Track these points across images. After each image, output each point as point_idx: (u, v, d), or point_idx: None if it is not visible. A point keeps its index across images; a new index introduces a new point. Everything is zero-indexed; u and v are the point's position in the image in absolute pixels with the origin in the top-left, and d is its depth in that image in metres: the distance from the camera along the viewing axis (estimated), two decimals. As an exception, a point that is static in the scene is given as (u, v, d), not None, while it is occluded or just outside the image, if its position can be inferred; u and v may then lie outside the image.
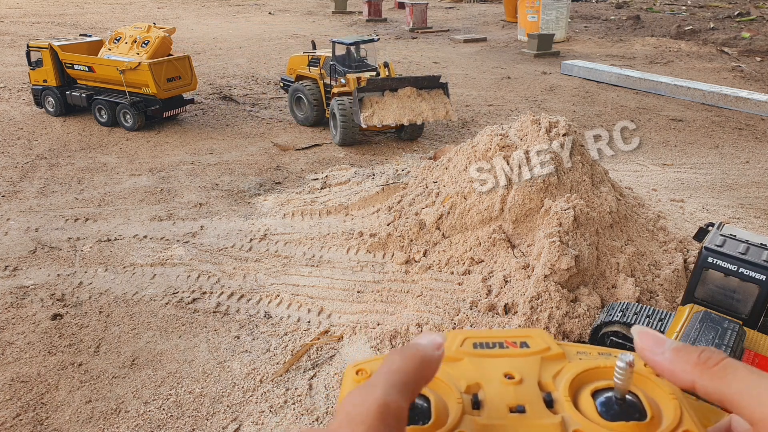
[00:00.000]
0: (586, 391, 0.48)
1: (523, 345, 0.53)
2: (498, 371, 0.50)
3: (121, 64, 10.01)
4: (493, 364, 0.51)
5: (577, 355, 0.53)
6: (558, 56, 17.22)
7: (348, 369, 0.52)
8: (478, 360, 0.52)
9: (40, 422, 4.05)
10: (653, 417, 0.45)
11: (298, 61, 10.63)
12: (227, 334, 4.95)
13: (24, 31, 20.43)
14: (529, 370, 0.50)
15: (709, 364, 0.41)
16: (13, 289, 5.58)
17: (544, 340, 0.53)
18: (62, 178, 8.40)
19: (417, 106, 8.84)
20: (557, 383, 0.49)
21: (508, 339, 0.54)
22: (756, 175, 8.50)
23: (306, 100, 10.17)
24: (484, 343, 0.53)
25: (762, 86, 13.62)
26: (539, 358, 0.52)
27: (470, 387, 0.49)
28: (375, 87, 8.70)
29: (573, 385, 0.49)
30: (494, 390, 0.48)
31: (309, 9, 28.70)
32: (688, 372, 0.42)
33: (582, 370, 0.50)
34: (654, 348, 0.45)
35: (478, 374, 0.50)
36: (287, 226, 6.77)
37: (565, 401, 0.47)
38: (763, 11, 23.24)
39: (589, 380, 0.50)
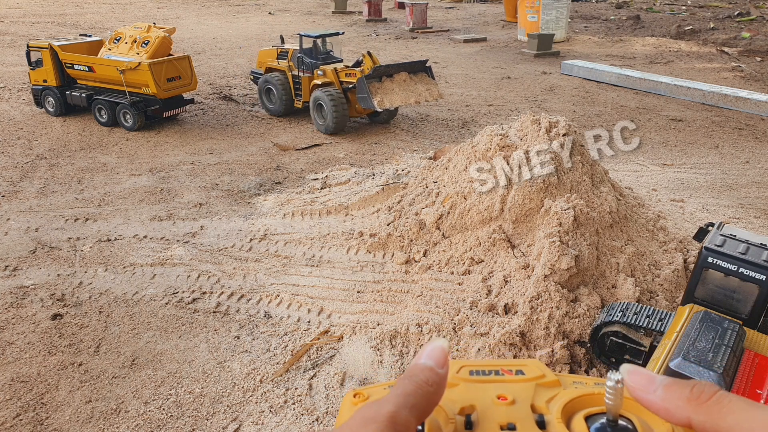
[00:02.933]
0: (579, 416, 0.48)
1: (519, 372, 0.54)
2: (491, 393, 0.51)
3: (121, 64, 10.01)
4: (488, 388, 0.52)
5: (573, 384, 0.53)
6: (558, 56, 17.22)
7: (347, 394, 0.53)
8: (473, 385, 0.53)
9: (40, 422, 4.05)
10: None
11: (267, 55, 11.14)
12: (227, 334, 4.95)
13: (24, 31, 20.43)
14: (523, 394, 0.51)
15: (703, 399, 0.41)
16: (13, 289, 5.58)
17: (540, 369, 0.54)
18: (62, 178, 8.40)
19: (414, 88, 9.70)
20: (551, 407, 0.49)
21: (504, 367, 0.55)
22: (756, 175, 8.50)
23: (275, 91, 10.76)
24: (480, 371, 0.54)
25: (762, 86, 13.62)
26: (534, 384, 0.52)
27: (464, 409, 0.50)
28: (377, 74, 9.40)
29: (566, 409, 0.49)
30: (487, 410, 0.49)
31: (309, 9, 28.70)
32: (682, 408, 0.42)
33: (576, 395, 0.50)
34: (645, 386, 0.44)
35: (472, 397, 0.51)
36: (287, 226, 6.77)
37: (557, 423, 0.47)
38: (763, 11, 23.24)
39: (582, 406, 0.50)
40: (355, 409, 0.47)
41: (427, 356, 0.48)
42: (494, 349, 4.28)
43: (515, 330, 4.32)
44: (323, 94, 9.71)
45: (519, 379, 0.53)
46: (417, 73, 9.85)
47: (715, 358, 2.98)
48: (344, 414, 0.50)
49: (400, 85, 9.60)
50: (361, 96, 9.35)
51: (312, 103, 10.05)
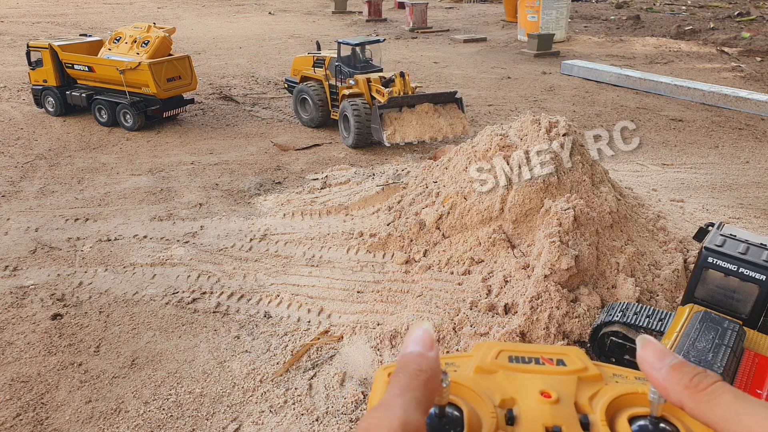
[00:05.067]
0: (623, 417, 0.48)
1: (560, 363, 0.52)
2: (534, 388, 0.49)
3: (121, 64, 10.01)
4: (529, 380, 0.50)
5: (613, 377, 0.52)
6: (558, 56, 17.22)
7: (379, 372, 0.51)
8: (513, 374, 0.50)
9: (40, 422, 4.05)
10: None
11: (303, 62, 10.55)
12: (227, 334, 4.95)
13: (24, 31, 20.43)
14: (566, 390, 0.49)
15: (699, 388, 0.42)
16: (13, 289, 5.58)
17: (581, 360, 0.52)
18: (62, 178, 8.40)
19: (435, 122, 8.89)
20: (594, 405, 0.48)
21: (545, 355, 0.53)
22: (756, 175, 8.50)
23: (311, 101, 10.11)
24: (519, 357, 0.52)
25: (762, 86, 13.62)
26: (576, 378, 0.50)
27: (505, 401, 0.48)
28: (394, 104, 8.75)
29: (610, 408, 0.48)
30: (530, 407, 0.47)
31: (309, 9, 28.70)
32: (678, 392, 0.43)
33: (619, 394, 0.49)
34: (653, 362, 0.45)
35: (512, 389, 0.49)
36: (287, 226, 6.77)
37: (601, 425, 0.46)
38: (763, 11, 23.23)
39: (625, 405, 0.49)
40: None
41: (414, 342, 0.47)
42: (494, 349, 4.27)
43: (515, 330, 4.32)
44: (349, 105, 9.12)
45: (561, 371, 0.51)
46: (446, 104, 9.08)
47: (715, 358, 2.97)
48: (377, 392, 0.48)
49: (421, 117, 8.83)
50: (373, 126, 8.85)
51: (340, 114, 9.47)
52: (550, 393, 0.48)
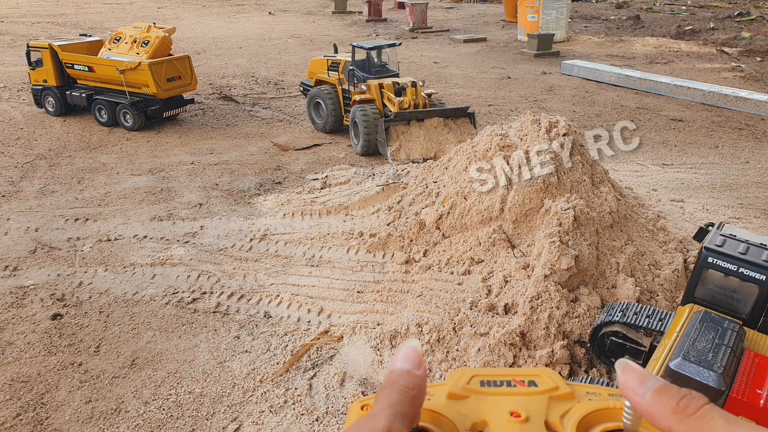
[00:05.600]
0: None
1: (531, 384, 0.52)
2: (504, 409, 0.49)
3: (121, 64, 10.01)
4: (500, 402, 0.50)
5: (586, 395, 0.52)
6: (558, 56, 17.22)
7: (353, 405, 0.52)
8: (484, 398, 0.51)
9: (40, 422, 4.05)
10: None
11: (318, 65, 10.29)
12: (227, 334, 4.95)
13: (24, 31, 20.43)
14: (537, 409, 0.49)
15: (688, 413, 0.41)
16: (13, 289, 5.58)
17: (553, 380, 0.52)
18: (62, 178, 8.40)
19: (444, 138, 8.53)
20: (565, 423, 0.48)
21: (516, 377, 0.53)
22: (756, 175, 8.50)
23: (324, 105, 9.84)
24: (491, 381, 0.53)
25: (762, 86, 13.62)
26: (547, 398, 0.51)
27: (476, 425, 0.48)
28: (402, 118, 8.46)
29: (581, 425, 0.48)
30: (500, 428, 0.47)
31: (309, 9, 28.69)
32: (666, 418, 0.41)
33: (591, 410, 0.49)
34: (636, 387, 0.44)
35: (483, 412, 0.49)
36: (287, 226, 6.77)
37: None
38: (763, 11, 23.23)
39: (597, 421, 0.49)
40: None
41: (403, 360, 0.48)
42: (494, 349, 4.28)
43: (515, 330, 4.32)
44: (358, 111, 8.81)
45: (532, 391, 0.51)
46: (457, 119, 8.69)
47: (715, 358, 2.98)
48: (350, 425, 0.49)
49: (429, 132, 8.44)
50: (378, 139, 8.54)
51: (351, 120, 9.18)
52: (520, 413, 0.48)
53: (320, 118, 10.14)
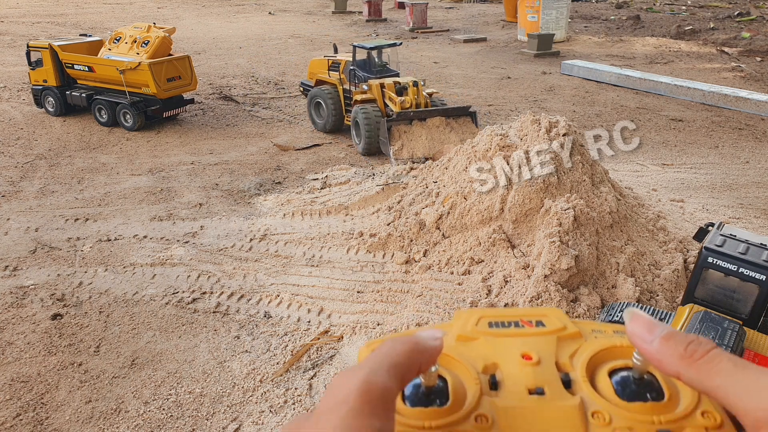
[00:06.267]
0: (603, 371, 0.48)
1: (539, 324, 0.52)
2: (515, 351, 0.49)
3: (121, 64, 10.01)
4: (510, 343, 0.50)
5: (592, 333, 0.52)
6: (558, 56, 17.22)
7: (362, 348, 0.50)
8: (493, 339, 0.50)
9: (40, 422, 4.05)
10: (671, 397, 0.45)
11: (319, 65, 10.29)
12: (227, 334, 4.95)
13: (24, 31, 20.43)
14: (546, 350, 0.49)
15: (695, 357, 0.41)
16: (13, 289, 5.58)
17: (560, 319, 0.52)
18: (62, 178, 8.40)
19: (446, 137, 8.54)
20: (574, 363, 0.48)
21: (524, 318, 0.53)
22: (756, 175, 8.50)
23: (325, 105, 9.85)
24: (499, 323, 0.52)
25: (762, 86, 13.62)
26: (555, 338, 0.50)
27: (487, 367, 0.48)
28: (404, 117, 8.49)
29: (590, 364, 0.48)
30: (512, 371, 0.47)
31: (309, 9, 28.69)
32: (673, 364, 0.42)
33: (598, 349, 0.49)
34: (644, 335, 0.44)
35: (494, 354, 0.49)
36: (287, 226, 6.77)
37: (582, 382, 0.47)
38: (763, 11, 23.24)
39: (605, 359, 0.49)
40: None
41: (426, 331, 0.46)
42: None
43: (515, 330, 4.31)
44: (360, 111, 8.83)
45: (540, 331, 0.51)
46: (458, 118, 8.70)
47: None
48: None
49: (431, 131, 8.47)
50: (381, 139, 8.56)
51: (352, 120, 9.18)
52: (531, 355, 0.48)
53: (321, 118, 10.14)
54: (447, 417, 0.43)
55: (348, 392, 0.37)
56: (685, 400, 0.45)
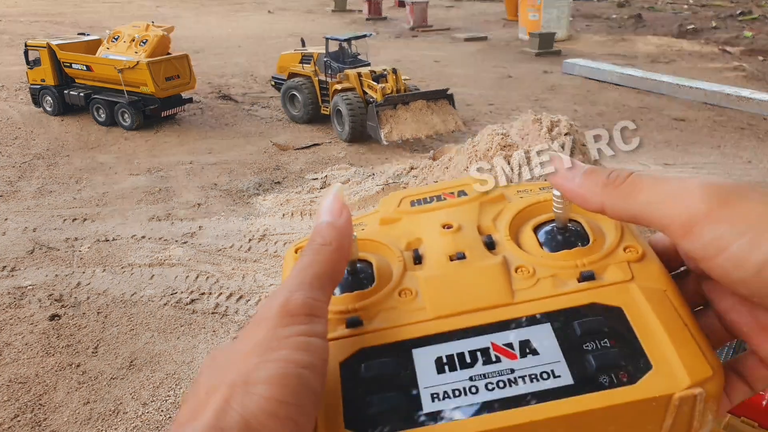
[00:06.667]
0: (527, 228, 0.47)
1: (461, 194, 0.51)
2: (436, 224, 0.49)
3: (120, 63, 9.98)
4: (431, 217, 0.50)
5: (517, 194, 0.51)
6: (559, 55, 17.18)
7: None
8: (416, 216, 0.50)
9: (38, 423, 4.02)
10: (596, 239, 0.45)
11: (290, 59, 10.67)
12: (226, 335, 4.92)
13: (22, 30, 20.39)
14: (468, 217, 0.49)
15: (617, 183, 0.39)
16: (10, 290, 5.55)
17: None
18: (60, 177, 8.36)
19: (429, 119, 9.10)
20: (497, 225, 0.48)
21: (446, 191, 0.52)
22: (758, 175, 8.47)
23: (300, 97, 10.24)
24: (421, 200, 0.52)
25: (764, 85, 13.58)
26: (478, 204, 0.50)
27: (410, 243, 0.48)
28: (390, 102, 8.91)
29: (514, 224, 0.48)
30: (433, 242, 0.47)
31: (308, 7, 28.65)
32: (597, 194, 0.40)
33: (522, 207, 0.49)
34: (565, 173, 0.42)
35: (417, 230, 0.49)
36: (286, 226, 6.74)
37: (506, 241, 0.46)
38: (765, 10, 23.19)
39: (530, 217, 0.48)
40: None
41: (325, 212, 0.44)
42: (495, 350, 4.25)
43: (516, 331, 4.29)
44: (341, 99, 9.24)
45: (462, 201, 0.50)
46: (437, 101, 9.28)
47: (719, 361, 2.94)
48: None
49: (415, 114, 9.01)
50: (370, 124, 9.00)
51: (332, 109, 9.60)
52: (451, 223, 0.48)
53: (296, 110, 10.49)
54: (371, 297, 0.44)
55: (269, 309, 0.37)
56: (609, 239, 0.45)
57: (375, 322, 0.42)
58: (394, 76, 9.25)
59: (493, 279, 0.43)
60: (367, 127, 9.12)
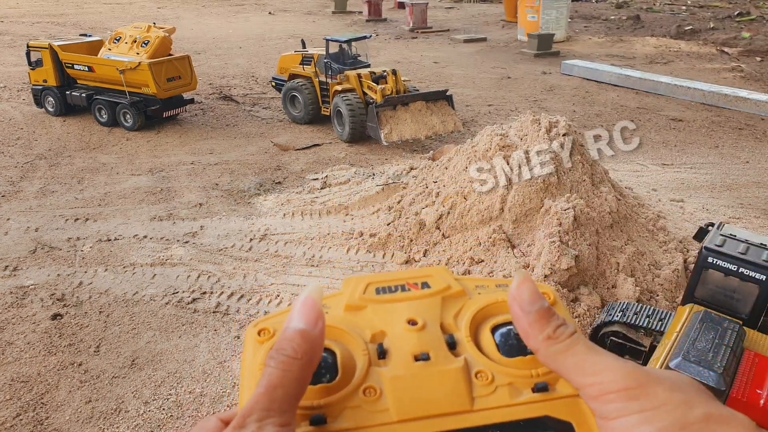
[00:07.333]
0: (486, 328, 0.49)
1: (425, 286, 0.52)
2: (401, 317, 0.49)
3: (121, 64, 10.01)
4: (396, 309, 0.50)
5: (476, 290, 0.53)
6: (558, 56, 17.22)
7: (248, 329, 0.48)
8: (381, 306, 0.50)
9: (40, 422, 4.05)
10: None
11: (290, 60, 10.76)
12: (227, 334, 4.95)
13: (24, 31, 20.42)
14: (431, 313, 0.49)
15: (558, 339, 0.44)
16: (13, 289, 5.58)
17: (444, 279, 0.53)
18: (62, 178, 8.40)
19: (428, 119, 9.20)
20: (458, 323, 0.49)
21: (410, 281, 0.52)
22: (756, 175, 8.51)
23: (301, 98, 10.33)
24: (386, 288, 0.52)
25: (762, 86, 13.62)
26: (440, 299, 0.51)
27: (375, 336, 0.48)
28: (389, 103, 9.01)
29: (473, 323, 0.49)
30: (398, 337, 0.47)
31: (309, 9, 28.69)
32: (537, 342, 0.44)
33: (481, 306, 0.50)
34: (525, 304, 0.45)
35: (381, 322, 0.49)
36: (287, 226, 6.77)
37: (466, 342, 0.47)
38: (763, 11, 23.24)
39: (488, 316, 0.50)
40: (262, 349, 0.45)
41: (298, 317, 0.43)
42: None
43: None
44: (342, 100, 9.35)
45: (425, 294, 0.51)
46: (437, 102, 9.37)
47: (715, 358, 2.98)
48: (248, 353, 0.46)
49: (414, 115, 9.11)
50: (370, 125, 9.07)
51: (332, 110, 9.71)
52: (416, 319, 0.49)
53: (296, 111, 10.60)
54: (336, 393, 0.43)
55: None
56: None
57: (339, 421, 0.42)
58: (393, 77, 9.34)
59: (454, 384, 0.44)
60: (367, 128, 9.19)
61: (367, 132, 9.28)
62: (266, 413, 0.38)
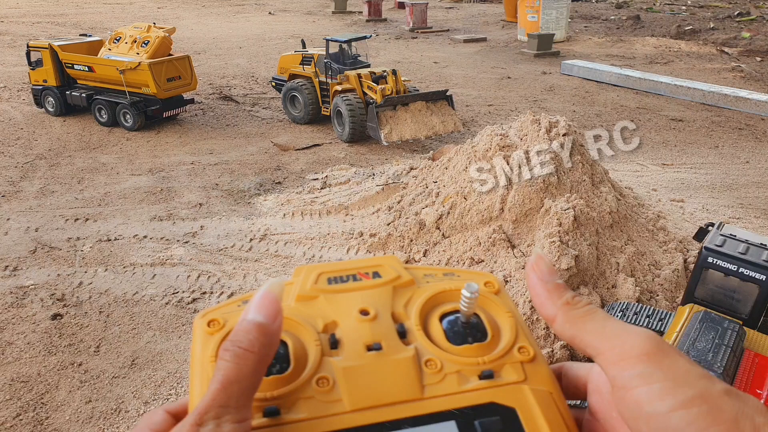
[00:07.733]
0: (434, 317, 0.50)
1: (376, 275, 0.52)
2: (353, 307, 0.49)
3: (121, 64, 10.01)
4: (348, 299, 0.50)
5: (424, 278, 0.53)
6: (558, 56, 17.22)
7: (197, 320, 0.48)
8: (333, 296, 0.50)
9: (40, 422, 4.05)
10: (494, 336, 0.48)
11: (290, 60, 10.77)
12: (227, 334, 4.95)
13: (24, 31, 20.43)
14: (382, 303, 0.50)
15: (576, 306, 0.45)
16: (13, 289, 5.58)
17: (394, 268, 0.53)
18: (62, 178, 8.40)
19: (428, 119, 9.20)
20: (408, 312, 0.50)
21: (361, 270, 0.53)
22: (756, 175, 8.51)
23: (301, 98, 10.35)
24: (338, 278, 0.52)
25: (762, 86, 13.63)
26: (391, 288, 0.51)
27: (327, 326, 0.48)
28: (389, 103, 9.02)
29: (423, 312, 0.50)
30: (350, 328, 0.48)
31: (309, 9, 28.69)
32: (555, 307, 0.45)
33: (430, 295, 0.51)
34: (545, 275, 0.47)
35: (333, 312, 0.49)
36: (287, 226, 6.77)
37: (416, 331, 0.48)
38: (763, 11, 23.25)
39: (437, 304, 0.51)
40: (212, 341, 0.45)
41: (256, 309, 0.41)
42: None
43: (515, 330, 4.32)
44: (342, 100, 9.36)
45: (376, 283, 0.51)
46: (437, 102, 9.38)
47: (715, 358, 2.98)
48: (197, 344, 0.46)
49: (414, 115, 9.11)
50: (369, 125, 9.08)
51: (332, 110, 9.73)
52: (368, 309, 0.49)
53: (297, 111, 10.61)
54: (288, 384, 0.43)
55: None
56: (505, 337, 0.48)
57: (292, 412, 0.42)
58: (393, 78, 9.35)
59: (406, 373, 0.44)
60: (367, 128, 9.20)
61: (367, 132, 9.30)
62: (223, 410, 0.37)
